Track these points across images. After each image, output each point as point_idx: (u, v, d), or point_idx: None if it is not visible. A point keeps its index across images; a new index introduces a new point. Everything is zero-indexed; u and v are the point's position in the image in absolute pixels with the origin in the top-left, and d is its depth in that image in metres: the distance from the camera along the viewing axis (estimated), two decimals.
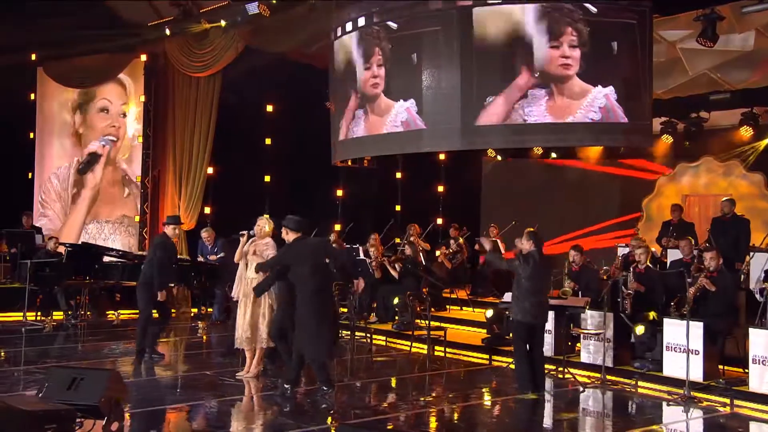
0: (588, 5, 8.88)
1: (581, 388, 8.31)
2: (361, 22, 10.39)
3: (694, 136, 13.09)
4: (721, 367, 8.40)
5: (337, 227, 15.09)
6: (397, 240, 13.87)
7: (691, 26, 11.11)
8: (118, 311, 12.95)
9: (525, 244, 8.07)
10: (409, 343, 10.51)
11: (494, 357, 9.87)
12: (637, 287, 9.10)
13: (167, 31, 13.41)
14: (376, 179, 15.87)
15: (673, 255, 10.78)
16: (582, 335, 9.08)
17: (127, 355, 9.78)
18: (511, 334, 8.52)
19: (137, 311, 13.35)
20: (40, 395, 6.11)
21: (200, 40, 13.55)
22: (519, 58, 9.42)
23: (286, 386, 7.52)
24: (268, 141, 14.77)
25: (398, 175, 16.10)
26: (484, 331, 10.86)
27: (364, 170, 15.48)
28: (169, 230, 9.36)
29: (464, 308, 12.66)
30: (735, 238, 10.63)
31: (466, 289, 13.14)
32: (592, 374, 8.71)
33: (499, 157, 15.66)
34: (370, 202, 15.90)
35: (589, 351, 9.03)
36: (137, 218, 14.39)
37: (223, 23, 12.67)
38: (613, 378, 8.59)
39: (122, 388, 6.28)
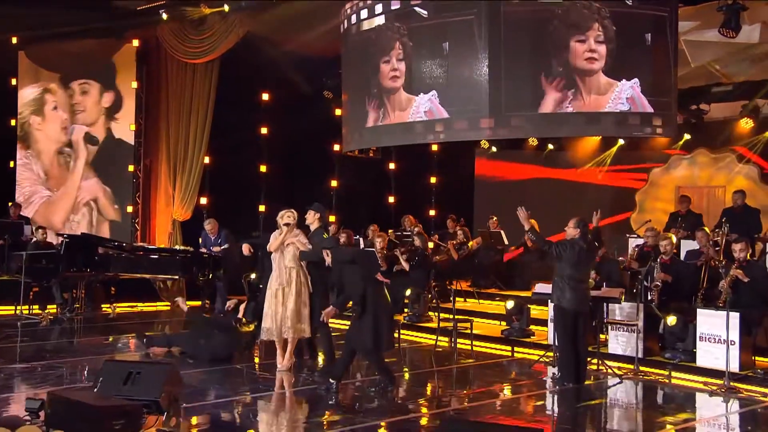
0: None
1: (618, 380, 8.21)
2: (378, 8, 10.05)
3: (695, 128, 13.15)
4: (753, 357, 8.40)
5: (332, 218, 14.81)
6: (390, 231, 13.62)
7: (697, 18, 11.13)
8: (114, 305, 12.44)
9: (572, 231, 7.94)
10: (420, 334, 10.45)
11: (516, 348, 9.72)
12: (665, 278, 9.03)
13: (164, 16, 12.84)
14: (370, 170, 15.60)
15: (684, 245, 10.82)
16: (610, 326, 8.98)
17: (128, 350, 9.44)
18: (554, 324, 8.31)
19: (133, 304, 13.09)
20: (96, 389, 5.87)
21: (197, 26, 13.02)
22: (546, 50, 9.24)
23: (331, 381, 7.25)
24: (264, 130, 14.36)
25: (391, 165, 15.84)
26: (497, 322, 10.77)
27: (360, 161, 15.19)
28: None
29: (468, 300, 12.49)
30: (747, 229, 10.70)
31: (467, 281, 12.99)
32: (623, 365, 8.60)
33: (494, 149, 15.51)
34: (364, 193, 15.64)
35: (618, 342, 8.93)
36: (130, 209, 13.80)
37: (226, 8, 12.17)
38: (645, 369, 8.50)
39: (179, 383, 6.00)
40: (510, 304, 10.06)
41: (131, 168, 13.78)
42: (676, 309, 8.76)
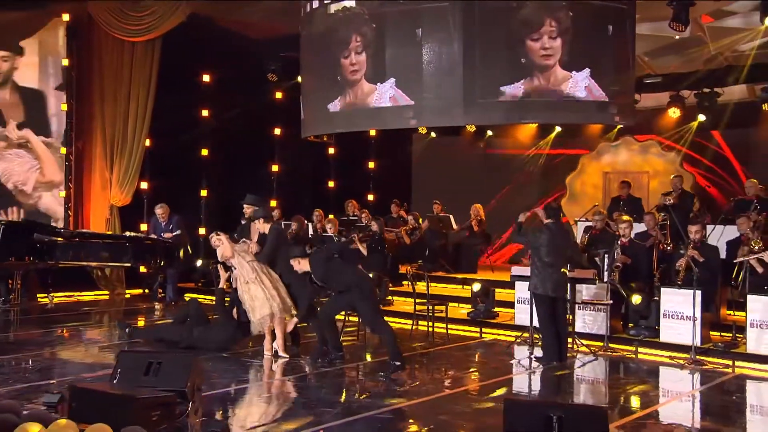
0: None
1: (593, 356, 8.56)
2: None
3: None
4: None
5: (273, 203, 14.57)
6: (331, 216, 13.55)
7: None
8: (52, 294, 11.78)
9: (542, 217, 8.18)
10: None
11: (484, 330, 9.93)
12: (624, 260, 9.45)
13: None
14: (310, 155, 15.41)
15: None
16: (578, 306, 9.32)
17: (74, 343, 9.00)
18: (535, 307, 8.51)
19: (70, 294, 12.42)
20: (115, 381, 5.69)
21: (135, 2, 12.41)
22: (511, 41, 9.44)
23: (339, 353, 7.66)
24: (205, 113, 13.90)
25: (331, 150, 15.71)
26: (455, 304, 10.94)
27: (301, 145, 14.97)
28: None
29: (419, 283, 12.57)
30: (685, 213, 11.36)
31: (415, 265, 13.10)
32: (592, 343, 8.95)
33: (433, 134, 15.68)
34: (304, 178, 15.47)
35: (585, 321, 9.29)
36: (62, 194, 13.00)
37: None
38: (614, 345, 8.90)
39: (201, 373, 5.79)
40: (477, 286, 10.24)
41: (63, 150, 12.98)
42: (640, 288, 9.20)
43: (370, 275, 10.82)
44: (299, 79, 13.62)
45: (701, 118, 13.57)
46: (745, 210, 10.54)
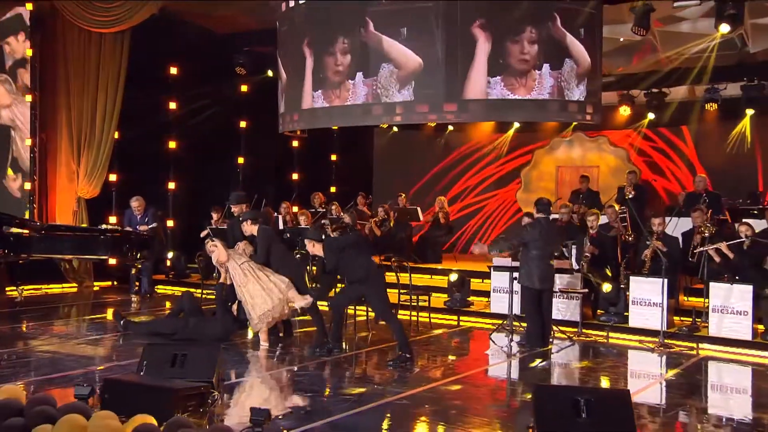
0: None
1: (570, 342, 9.00)
2: None
3: None
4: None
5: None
6: (296, 208, 13.67)
7: None
8: (21, 287, 11.52)
9: (533, 211, 8.54)
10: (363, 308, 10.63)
11: (462, 318, 10.28)
12: (593, 250, 9.93)
13: None
14: (274, 147, 15.43)
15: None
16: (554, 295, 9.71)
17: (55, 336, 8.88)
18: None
19: (38, 286, 12.17)
20: (142, 372, 5.77)
21: None
22: (493, 43, 9.75)
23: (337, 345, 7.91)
24: (172, 105, 13.77)
25: (295, 143, 15.77)
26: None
27: (265, 138, 15.01)
28: None
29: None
30: (641, 204, 12.00)
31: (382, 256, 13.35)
32: (567, 329, 9.40)
33: (395, 128, 15.92)
34: (269, 170, 15.49)
35: (558, 309, 9.69)
36: (27, 185, 12.69)
37: None
38: (587, 331, 9.37)
39: (224, 364, 5.91)
40: (454, 276, 10.56)
41: (28, 142, 12.66)
42: (609, 277, 9.69)
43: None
44: (269, 73, 13.73)
45: (651, 116, 14.24)
46: (695, 203, 11.21)
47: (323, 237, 8.23)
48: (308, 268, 10.42)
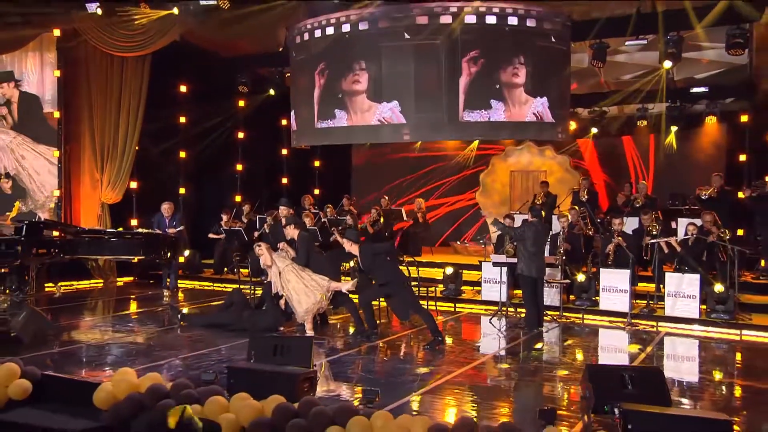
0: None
1: (555, 323, 10.11)
2: (363, 25, 10.78)
3: None
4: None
5: (238, 198, 15.15)
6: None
7: None
8: (59, 284, 11.80)
9: (529, 216, 9.60)
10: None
11: (458, 305, 11.25)
12: (566, 246, 11.08)
13: (98, 11, 12.06)
14: (266, 155, 16.03)
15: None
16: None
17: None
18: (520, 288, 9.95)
19: (71, 283, 12.43)
20: (251, 360, 6.26)
21: (126, 21, 12.46)
22: (490, 71, 10.74)
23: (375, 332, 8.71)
24: (182, 119, 14.19)
25: (284, 152, 16.37)
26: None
27: (258, 147, 15.64)
28: None
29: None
30: (593, 206, 13.28)
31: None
32: (551, 312, 10.47)
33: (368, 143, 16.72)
34: (262, 175, 16.05)
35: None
36: (56, 192, 12.88)
37: (176, 11, 11.87)
38: (566, 314, 10.51)
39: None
40: (449, 270, 11.50)
41: (56, 153, 12.87)
42: (583, 269, 10.88)
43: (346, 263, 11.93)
44: (271, 92, 14.34)
45: (594, 130, 15.58)
46: (633, 206, 12.62)
47: (360, 240, 8.97)
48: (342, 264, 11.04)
